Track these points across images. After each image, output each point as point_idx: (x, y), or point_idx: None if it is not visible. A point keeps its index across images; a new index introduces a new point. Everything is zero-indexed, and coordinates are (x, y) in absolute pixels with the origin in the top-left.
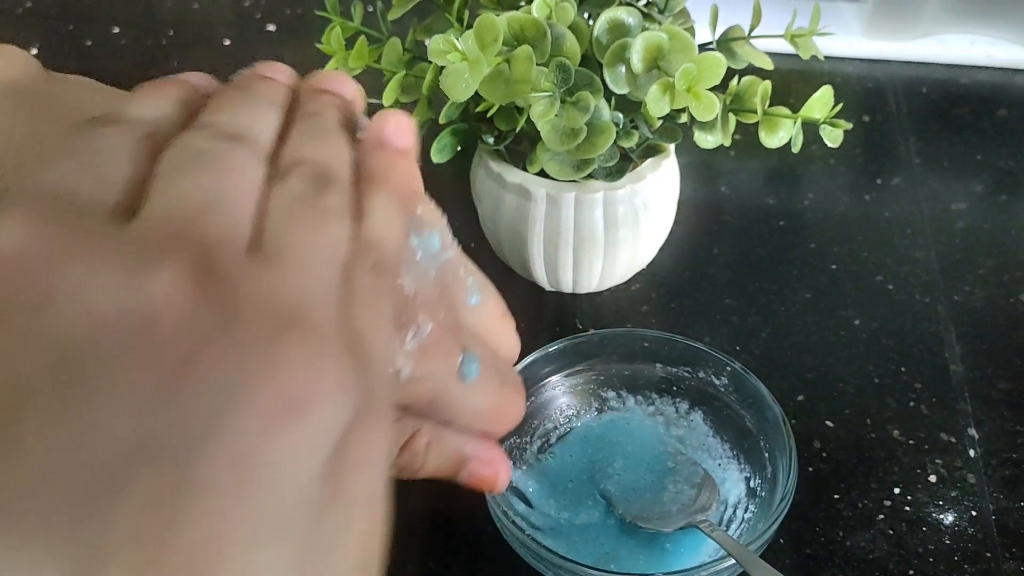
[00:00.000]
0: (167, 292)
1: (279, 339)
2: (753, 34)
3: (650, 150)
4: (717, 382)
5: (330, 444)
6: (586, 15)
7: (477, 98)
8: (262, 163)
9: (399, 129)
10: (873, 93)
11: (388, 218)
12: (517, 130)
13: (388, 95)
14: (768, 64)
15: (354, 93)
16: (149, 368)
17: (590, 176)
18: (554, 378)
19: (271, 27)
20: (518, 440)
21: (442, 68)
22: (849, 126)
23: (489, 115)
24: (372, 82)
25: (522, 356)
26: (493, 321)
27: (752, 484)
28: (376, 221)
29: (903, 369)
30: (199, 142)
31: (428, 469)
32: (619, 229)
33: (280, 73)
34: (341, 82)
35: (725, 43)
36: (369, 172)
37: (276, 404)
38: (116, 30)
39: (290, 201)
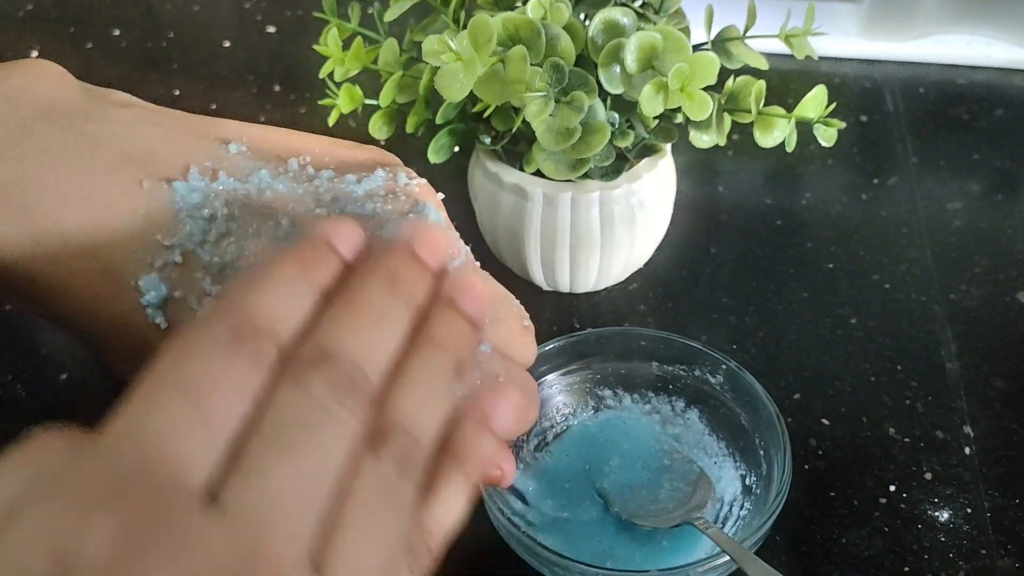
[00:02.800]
0: None
1: None
2: (748, 34)
3: (646, 150)
4: (713, 380)
5: None
6: (581, 15)
7: (474, 98)
8: (366, 418)
9: (508, 410)
10: (870, 93)
11: (453, 506)
12: (514, 130)
13: (385, 96)
14: (763, 64)
15: (482, 312)
16: None
17: (586, 176)
18: (550, 377)
19: (271, 29)
20: (515, 439)
21: (438, 69)
22: (842, 125)
23: (486, 115)
24: (371, 82)
25: None
26: (511, 335)
27: (748, 481)
28: (440, 507)
29: (899, 367)
30: (306, 398)
31: None
32: (615, 228)
33: (437, 252)
34: (478, 302)
35: (720, 43)
36: (458, 447)
37: None
38: (116, 32)
39: (374, 490)
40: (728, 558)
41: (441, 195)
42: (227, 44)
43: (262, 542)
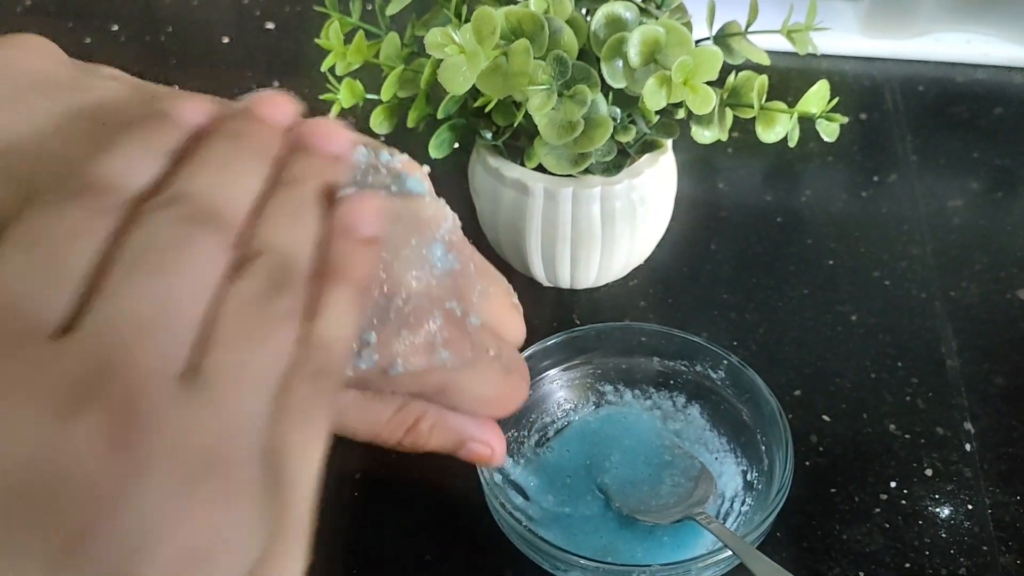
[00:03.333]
0: (83, 445)
1: (191, 486)
2: (750, 30)
3: (648, 145)
4: (714, 376)
5: None
6: (583, 10)
7: (475, 93)
8: (226, 250)
9: (368, 217)
10: (870, 91)
11: (341, 318)
12: (515, 125)
13: (386, 90)
14: (765, 59)
15: (342, 149)
16: (57, 525)
17: (588, 171)
18: (552, 372)
19: (270, 25)
20: (516, 433)
21: (440, 62)
22: (845, 120)
23: (487, 110)
24: (371, 77)
25: (520, 351)
26: (501, 311)
27: (749, 477)
28: (328, 322)
29: (900, 364)
30: (163, 229)
31: (431, 447)
32: (616, 224)
33: (281, 110)
34: (331, 137)
35: (722, 39)
36: (332, 262)
37: (180, 557)
38: (115, 27)
39: (242, 305)
40: (730, 553)
41: (427, 167)
42: (226, 40)
43: (119, 356)
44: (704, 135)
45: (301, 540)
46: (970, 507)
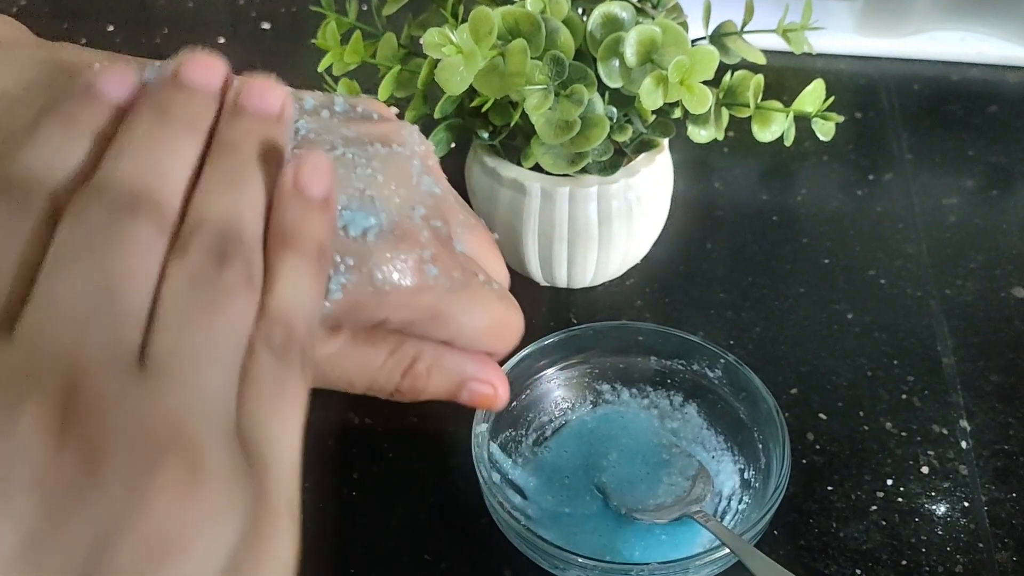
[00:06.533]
0: (26, 442)
1: (151, 471)
2: (745, 29)
3: (644, 145)
4: (711, 374)
5: (218, 567)
6: (580, 10)
7: (472, 93)
8: (163, 231)
9: (315, 175)
10: (865, 90)
11: (298, 285)
12: (511, 125)
13: (383, 90)
14: (761, 59)
15: (278, 105)
16: (11, 530)
17: (584, 170)
18: (549, 371)
19: (266, 25)
20: (514, 433)
21: (437, 62)
22: (840, 119)
23: (484, 110)
24: (368, 77)
25: (517, 350)
26: (483, 244)
27: (746, 475)
28: (283, 290)
29: (895, 362)
30: (92, 219)
31: (430, 392)
32: (613, 223)
33: (209, 74)
34: (265, 95)
35: (718, 38)
36: (280, 228)
37: (148, 549)
38: (111, 28)
39: (186, 282)
40: (728, 551)
41: (394, 109)
42: (222, 40)
43: (59, 350)
44: (701, 134)
45: (287, 520)
46: (966, 504)
